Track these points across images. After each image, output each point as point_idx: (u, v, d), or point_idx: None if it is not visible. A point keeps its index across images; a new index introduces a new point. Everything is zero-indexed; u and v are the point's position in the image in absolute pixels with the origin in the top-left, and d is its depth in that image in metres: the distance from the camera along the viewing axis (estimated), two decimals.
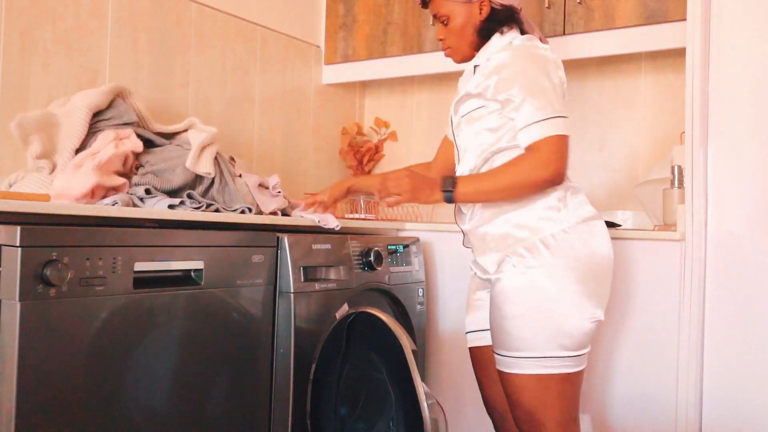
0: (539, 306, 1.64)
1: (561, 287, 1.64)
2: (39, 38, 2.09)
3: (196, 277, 1.73)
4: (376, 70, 2.97)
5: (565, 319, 1.63)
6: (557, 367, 1.63)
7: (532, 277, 1.65)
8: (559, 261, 1.64)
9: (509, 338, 1.67)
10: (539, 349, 1.63)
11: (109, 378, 1.53)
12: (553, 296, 1.64)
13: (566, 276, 1.64)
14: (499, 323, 1.70)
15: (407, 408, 1.71)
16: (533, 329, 1.64)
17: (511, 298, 1.67)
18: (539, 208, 1.69)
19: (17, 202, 1.48)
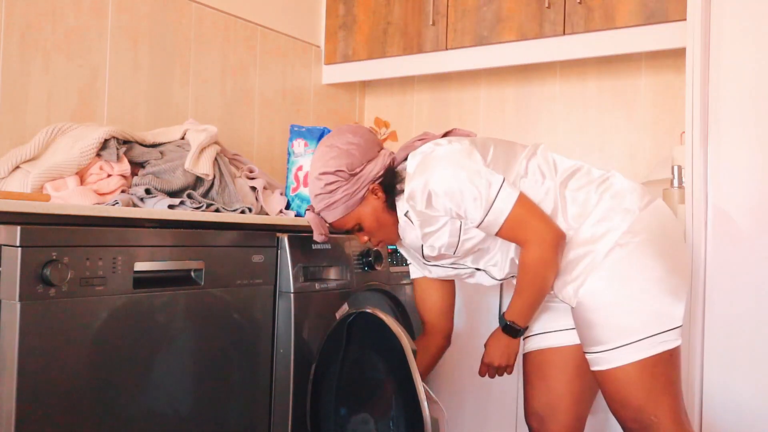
0: (628, 287, 1.61)
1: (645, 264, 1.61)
2: (39, 38, 2.09)
3: (196, 277, 1.73)
4: (376, 70, 2.97)
5: (654, 297, 1.60)
6: (657, 345, 1.57)
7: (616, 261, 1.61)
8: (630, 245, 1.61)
9: (602, 330, 1.61)
10: (636, 332, 1.58)
11: (109, 378, 1.53)
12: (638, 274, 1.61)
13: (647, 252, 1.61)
14: (588, 319, 1.63)
15: (407, 408, 1.71)
16: (625, 312, 1.60)
17: (599, 288, 1.62)
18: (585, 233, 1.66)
19: (17, 202, 1.48)
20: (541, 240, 1.60)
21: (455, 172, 1.61)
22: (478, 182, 1.59)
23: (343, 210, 1.71)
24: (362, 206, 1.72)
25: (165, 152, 2.03)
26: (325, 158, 1.71)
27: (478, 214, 1.60)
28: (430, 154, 1.66)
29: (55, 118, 2.11)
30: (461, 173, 1.61)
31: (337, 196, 1.69)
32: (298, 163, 2.37)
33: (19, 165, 1.86)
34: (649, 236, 1.63)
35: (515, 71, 2.97)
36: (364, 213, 1.73)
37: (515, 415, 2.32)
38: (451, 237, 1.67)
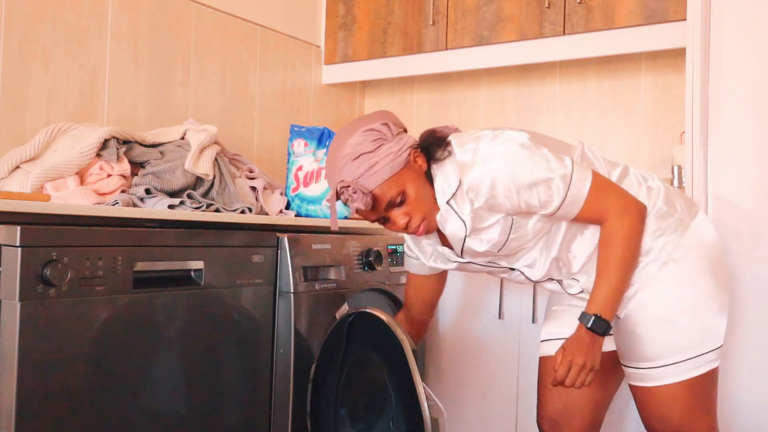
0: (681, 304, 1.52)
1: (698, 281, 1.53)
2: (39, 38, 2.09)
3: (196, 277, 1.73)
4: (376, 70, 2.97)
5: (706, 314, 1.52)
6: (703, 365, 1.52)
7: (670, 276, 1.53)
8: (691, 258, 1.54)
9: (652, 347, 1.52)
10: (687, 351, 1.51)
11: (109, 378, 1.53)
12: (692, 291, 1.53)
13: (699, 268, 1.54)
14: (636, 333, 1.54)
15: (407, 408, 1.71)
16: (678, 330, 1.52)
17: (651, 303, 1.53)
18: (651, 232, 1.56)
19: (17, 202, 1.48)
20: (627, 209, 1.47)
21: (527, 159, 1.46)
22: (552, 165, 1.46)
23: (389, 170, 1.48)
24: (407, 170, 1.50)
25: (165, 152, 2.03)
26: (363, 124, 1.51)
27: (557, 198, 1.46)
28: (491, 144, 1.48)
29: (55, 118, 2.11)
30: (533, 159, 1.46)
31: (381, 154, 1.48)
32: (298, 163, 2.37)
33: (19, 165, 1.86)
34: (702, 250, 1.55)
35: (515, 71, 2.97)
36: (409, 178, 1.50)
37: (515, 415, 2.32)
38: (501, 235, 1.53)
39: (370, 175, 1.47)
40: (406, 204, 1.51)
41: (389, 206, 1.51)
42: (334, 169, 1.50)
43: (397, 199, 1.50)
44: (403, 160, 1.49)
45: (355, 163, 1.48)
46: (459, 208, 1.52)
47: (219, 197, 2.04)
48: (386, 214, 1.53)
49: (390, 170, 1.48)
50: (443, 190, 1.53)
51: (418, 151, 1.53)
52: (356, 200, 1.48)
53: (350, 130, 1.51)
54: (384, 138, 1.49)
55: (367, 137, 1.48)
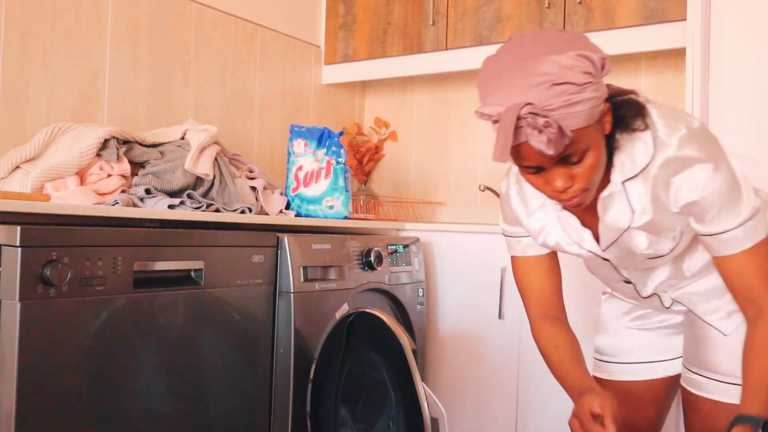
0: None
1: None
2: (39, 38, 2.09)
3: (196, 277, 1.73)
4: (376, 70, 2.97)
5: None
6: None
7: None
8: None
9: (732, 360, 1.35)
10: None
11: (109, 378, 1.53)
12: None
13: None
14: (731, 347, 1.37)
15: (407, 408, 1.71)
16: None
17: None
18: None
19: (17, 202, 1.48)
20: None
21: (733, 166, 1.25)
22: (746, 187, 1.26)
23: (587, 118, 1.13)
24: (597, 126, 1.18)
25: (165, 152, 2.03)
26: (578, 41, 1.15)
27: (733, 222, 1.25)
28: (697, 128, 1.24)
29: (55, 118, 2.11)
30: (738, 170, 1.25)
31: (587, 94, 1.12)
32: (298, 163, 2.37)
33: (19, 165, 1.86)
34: None
35: None
36: (596, 137, 1.18)
37: (515, 415, 2.32)
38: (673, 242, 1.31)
39: (567, 114, 1.11)
40: (578, 165, 1.18)
41: (561, 160, 1.17)
42: (519, 83, 1.12)
43: (575, 157, 1.17)
44: (599, 112, 1.17)
45: (554, 89, 1.10)
46: (635, 193, 1.26)
47: (219, 197, 2.04)
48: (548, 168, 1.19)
49: (587, 118, 1.14)
50: (623, 167, 1.25)
51: (609, 108, 1.22)
52: (542, 137, 1.10)
53: (556, 42, 1.14)
54: (593, 76, 1.13)
55: (579, 65, 1.11)
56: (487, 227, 2.39)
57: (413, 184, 3.20)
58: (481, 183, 2.96)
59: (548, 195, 1.24)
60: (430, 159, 3.17)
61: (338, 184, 2.32)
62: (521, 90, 1.11)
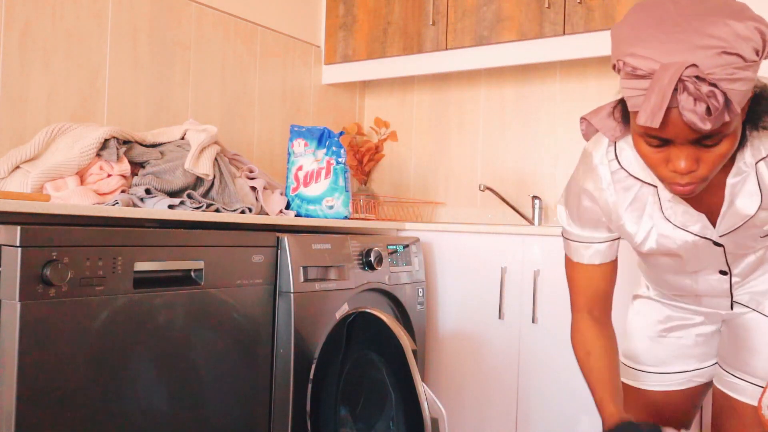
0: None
1: None
2: (39, 38, 2.09)
3: (196, 277, 1.73)
4: (376, 70, 2.97)
5: None
6: None
7: None
8: None
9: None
10: None
11: (109, 378, 1.53)
12: None
13: None
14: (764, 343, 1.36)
15: (407, 408, 1.71)
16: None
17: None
18: None
19: (17, 202, 1.48)
20: None
21: None
22: None
23: (741, 99, 1.01)
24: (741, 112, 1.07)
25: (165, 152, 2.03)
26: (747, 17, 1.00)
27: None
28: None
29: (55, 118, 2.11)
30: None
31: (749, 74, 0.99)
32: (298, 163, 2.37)
33: (19, 165, 1.86)
34: None
35: (515, 71, 2.97)
36: (737, 123, 1.06)
37: (515, 415, 2.32)
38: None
39: (734, 83, 0.98)
40: (710, 150, 1.06)
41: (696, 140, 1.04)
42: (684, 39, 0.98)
43: (713, 140, 1.04)
44: (748, 97, 1.06)
45: (723, 58, 0.97)
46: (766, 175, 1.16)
47: (219, 197, 2.04)
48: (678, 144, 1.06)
49: (742, 99, 1.01)
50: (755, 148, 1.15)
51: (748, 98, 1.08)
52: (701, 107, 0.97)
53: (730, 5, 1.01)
54: (758, 55, 1.00)
55: (754, 38, 0.98)
56: (487, 227, 2.39)
57: (413, 184, 3.21)
58: (481, 183, 2.96)
59: (661, 175, 1.10)
60: (430, 159, 3.17)
61: (338, 184, 2.32)
62: (687, 49, 0.97)
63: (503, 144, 2.98)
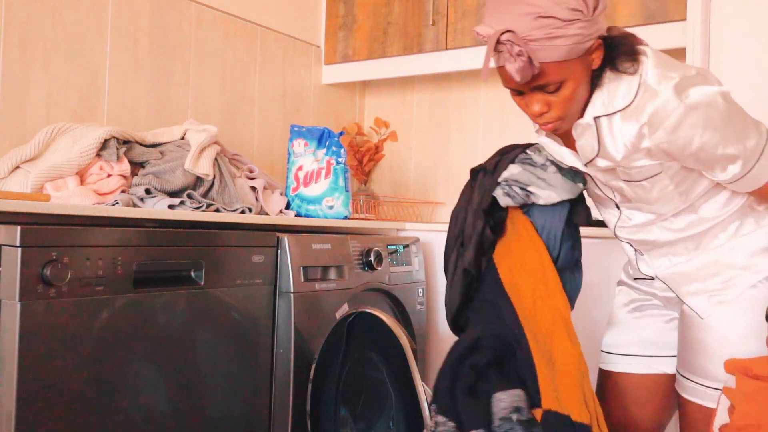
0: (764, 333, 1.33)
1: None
2: (39, 38, 2.09)
3: (196, 277, 1.73)
4: (376, 70, 2.97)
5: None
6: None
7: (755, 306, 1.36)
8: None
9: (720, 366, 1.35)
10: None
11: (109, 378, 1.53)
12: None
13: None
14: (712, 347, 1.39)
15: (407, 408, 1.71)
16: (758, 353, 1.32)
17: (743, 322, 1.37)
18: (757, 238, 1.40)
19: (17, 202, 1.48)
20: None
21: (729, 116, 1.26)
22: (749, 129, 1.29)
23: (566, 53, 1.22)
24: (581, 60, 1.26)
25: (165, 152, 2.03)
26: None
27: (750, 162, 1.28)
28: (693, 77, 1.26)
29: (55, 118, 2.11)
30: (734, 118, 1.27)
31: (572, 30, 1.21)
32: (298, 163, 2.37)
33: (19, 165, 1.86)
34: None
35: None
36: (576, 70, 1.26)
37: None
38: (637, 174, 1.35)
39: (545, 46, 1.21)
40: (555, 95, 1.28)
41: (537, 87, 1.27)
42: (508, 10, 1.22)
43: (552, 87, 1.27)
44: (584, 48, 1.25)
45: (538, 21, 1.20)
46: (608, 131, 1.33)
47: (219, 197, 2.04)
48: (527, 92, 1.29)
49: (568, 53, 1.22)
50: (601, 103, 1.32)
51: (601, 45, 1.29)
52: (514, 64, 1.21)
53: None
54: (581, 13, 1.22)
55: (568, 1, 1.21)
56: None
57: (413, 184, 3.20)
58: None
59: (529, 117, 1.36)
60: (430, 159, 3.17)
61: (338, 184, 2.32)
62: (509, 17, 1.22)
63: (503, 144, 2.97)
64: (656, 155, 1.30)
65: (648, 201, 1.41)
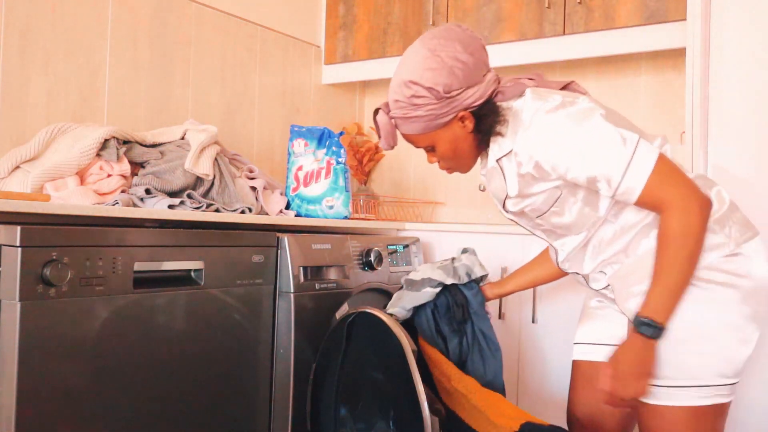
0: (701, 328, 1.41)
1: (726, 308, 1.42)
2: (39, 38, 2.09)
3: (196, 277, 1.73)
4: (376, 70, 2.97)
5: (726, 344, 1.41)
6: (713, 396, 1.42)
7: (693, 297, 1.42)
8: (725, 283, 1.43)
9: (661, 364, 1.42)
10: (698, 377, 1.41)
11: (108, 378, 1.53)
12: (718, 317, 1.42)
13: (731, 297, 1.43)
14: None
15: (407, 408, 1.71)
16: (692, 353, 1.41)
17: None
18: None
19: (17, 202, 1.48)
20: (686, 204, 1.36)
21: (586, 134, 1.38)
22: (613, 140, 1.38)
23: (422, 129, 1.49)
24: (443, 130, 1.50)
25: (165, 152, 2.03)
26: (422, 65, 1.44)
27: (615, 177, 1.37)
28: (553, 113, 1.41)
29: (55, 118, 2.11)
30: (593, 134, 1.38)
31: (420, 112, 1.46)
32: (298, 163, 2.37)
33: (19, 165, 1.86)
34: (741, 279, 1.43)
35: (515, 71, 2.96)
36: (442, 138, 1.51)
37: None
38: (543, 204, 1.49)
39: (403, 122, 1.50)
40: (434, 153, 1.56)
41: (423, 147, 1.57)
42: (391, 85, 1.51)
43: (428, 148, 1.55)
44: (441, 123, 1.48)
45: (396, 104, 1.49)
46: (507, 169, 1.50)
47: (219, 197, 2.04)
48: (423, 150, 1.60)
49: (423, 128, 1.49)
50: (498, 146, 1.50)
51: (469, 114, 1.48)
52: (387, 134, 1.54)
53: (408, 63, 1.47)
54: (430, 98, 1.45)
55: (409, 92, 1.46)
56: (487, 227, 2.39)
57: (413, 184, 3.21)
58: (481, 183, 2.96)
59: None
60: None
61: (338, 184, 2.32)
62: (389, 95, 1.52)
63: None
64: (543, 178, 1.44)
65: (567, 226, 1.51)
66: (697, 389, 1.42)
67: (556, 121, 1.40)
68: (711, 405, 1.42)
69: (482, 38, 1.64)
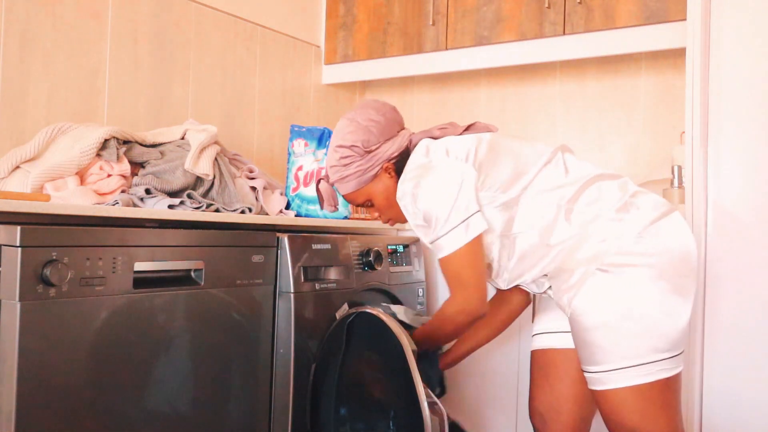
0: (624, 310, 1.51)
1: (644, 287, 1.51)
2: (39, 38, 2.09)
3: (196, 277, 1.73)
4: (376, 70, 2.97)
5: (652, 321, 1.50)
6: (655, 372, 1.50)
7: (610, 283, 1.53)
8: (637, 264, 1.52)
9: (597, 351, 1.53)
10: (633, 357, 1.50)
11: (108, 378, 1.53)
12: (637, 297, 1.51)
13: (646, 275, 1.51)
14: (582, 338, 1.57)
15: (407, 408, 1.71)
16: (622, 336, 1.51)
17: (590, 308, 1.54)
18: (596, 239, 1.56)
19: (17, 202, 1.48)
20: (463, 305, 1.62)
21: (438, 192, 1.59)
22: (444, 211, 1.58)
23: (355, 185, 1.72)
24: (374, 183, 1.73)
25: (165, 152, 2.03)
26: (343, 131, 1.71)
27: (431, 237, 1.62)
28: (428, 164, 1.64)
29: (55, 118, 2.11)
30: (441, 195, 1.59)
31: (351, 170, 1.70)
32: (298, 163, 2.37)
33: (19, 165, 1.86)
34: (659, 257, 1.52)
35: (515, 71, 2.97)
36: (375, 190, 1.73)
37: (515, 414, 2.32)
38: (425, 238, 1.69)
39: (340, 184, 1.73)
40: (374, 208, 1.77)
41: (362, 205, 1.77)
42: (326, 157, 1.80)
43: (365, 203, 1.76)
44: (371, 176, 1.71)
45: (332, 170, 1.73)
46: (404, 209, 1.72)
47: (219, 197, 2.04)
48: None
49: (357, 185, 1.72)
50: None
51: (392, 165, 1.72)
52: (328, 198, 1.83)
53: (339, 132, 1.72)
54: (353, 156, 1.69)
55: (338, 155, 1.70)
56: None
57: None
58: None
59: None
60: None
61: None
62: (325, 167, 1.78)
63: None
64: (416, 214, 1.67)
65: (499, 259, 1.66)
66: (635, 368, 1.50)
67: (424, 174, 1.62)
68: (655, 381, 1.51)
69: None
